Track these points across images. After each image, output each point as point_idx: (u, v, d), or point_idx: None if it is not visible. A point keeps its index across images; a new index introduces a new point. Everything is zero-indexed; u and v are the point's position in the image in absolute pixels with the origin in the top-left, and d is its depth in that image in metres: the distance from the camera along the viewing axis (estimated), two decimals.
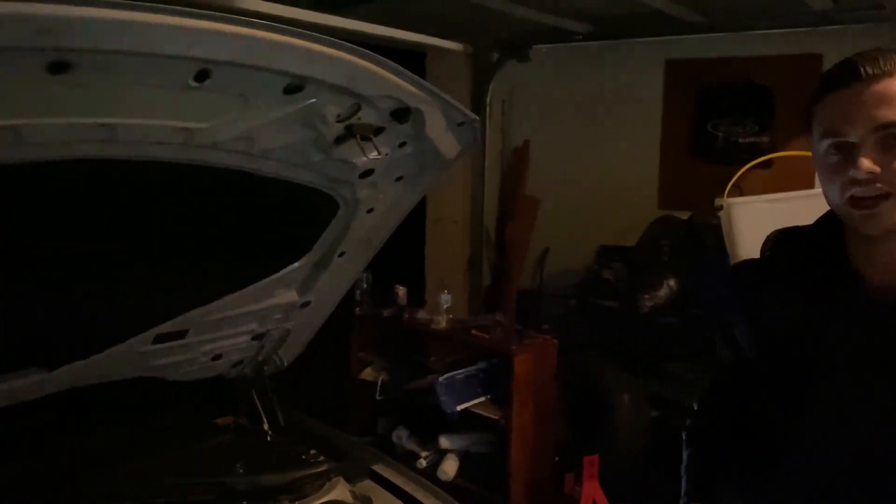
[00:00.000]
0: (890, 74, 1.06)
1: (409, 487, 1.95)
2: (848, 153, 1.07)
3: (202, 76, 1.15)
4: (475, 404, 3.50)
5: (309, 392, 2.86)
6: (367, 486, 1.98)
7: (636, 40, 4.40)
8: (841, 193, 1.10)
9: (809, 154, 1.20)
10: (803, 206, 1.31)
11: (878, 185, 1.06)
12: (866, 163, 1.05)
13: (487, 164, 4.96)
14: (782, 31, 3.82)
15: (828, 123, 1.11)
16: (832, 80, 1.11)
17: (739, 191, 3.08)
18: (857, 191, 1.07)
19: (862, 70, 1.07)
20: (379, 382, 3.80)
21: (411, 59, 4.21)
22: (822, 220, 1.25)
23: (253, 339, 2.06)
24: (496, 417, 3.43)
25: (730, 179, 3.05)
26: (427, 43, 4.41)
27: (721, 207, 2.83)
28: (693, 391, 1.60)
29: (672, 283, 3.71)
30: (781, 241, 1.34)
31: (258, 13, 3.06)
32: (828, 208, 1.20)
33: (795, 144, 3.65)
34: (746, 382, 1.32)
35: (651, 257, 3.64)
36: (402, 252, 2.69)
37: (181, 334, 1.88)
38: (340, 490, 1.87)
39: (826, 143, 1.11)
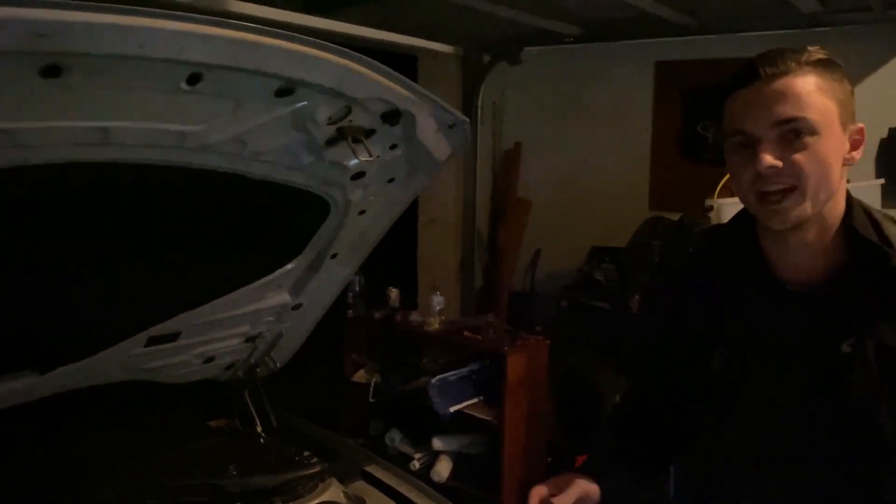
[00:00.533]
0: (788, 73, 1.11)
1: (403, 488, 1.96)
2: (752, 148, 1.12)
3: (194, 79, 1.15)
4: (468, 405, 3.51)
5: (301, 394, 2.86)
6: (361, 487, 1.99)
7: (626, 42, 4.42)
8: (748, 189, 1.14)
9: None
10: None
11: (782, 179, 1.11)
12: (768, 158, 1.09)
13: (479, 167, 4.97)
14: (771, 33, 3.84)
15: (732, 121, 1.16)
16: (735, 79, 1.16)
17: (730, 191, 3.09)
18: (762, 186, 1.12)
19: (761, 70, 1.12)
20: (372, 384, 3.81)
21: (402, 62, 4.21)
22: (737, 217, 1.30)
23: (245, 341, 2.07)
24: (489, 418, 3.45)
25: (720, 180, 3.07)
26: (417, 46, 4.43)
27: (711, 208, 2.84)
28: None
29: None
30: (704, 239, 1.40)
31: (247, 16, 3.06)
32: None
33: None
34: (667, 374, 1.38)
35: (641, 258, 3.66)
36: (394, 254, 2.70)
37: (173, 337, 1.88)
38: (334, 491, 1.88)
39: (732, 140, 1.16)
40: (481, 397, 3.56)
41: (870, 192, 3.20)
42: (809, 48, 1.15)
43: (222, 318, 1.90)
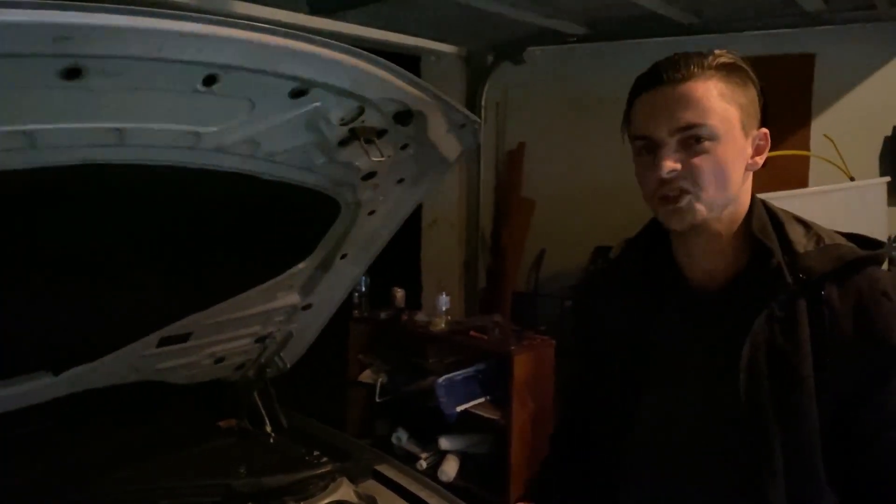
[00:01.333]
0: (689, 78, 1.11)
1: (413, 487, 1.96)
2: (654, 153, 1.12)
3: (210, 81, 1.16)
4: (474, 405, 3.52)
5: (307, 395, 2.87)
6: (371, 486, 1.99)
7: (630, 42, 4.42)
8: (652, 193, 1.15)
9: (803, 153, 1.24)
10: (797, 206, 1.34)
11: (680, 183, 1.11)
12: (669, 163, 1.10)
13: (483, 167, 4.98)
14: (775, 31, 3.85)
15: (637, 125, 1.16)
16: (639, 84, 1.16)
17: None
18: (664, 190, 1.12)
19: (664, 74, 1.12)
20: (378, 384, 3.81)
21: (406, 63, 4.20)
22: (650, 224, 1.30)
23: (255, 341, 2.07)
24: (495, 418, 3.45)
25: None
26: (421, 46, 4.44)
27: None
28: None
29: None
30: (621, 248, 1.39)
31: (253, 18, 3.07)
32: (818, 206, 1.23)
33: (789, 144, 3.68)
34: (592, 388, 1.38)
35: None
36: (399, 255, 2.71)
37: (185, 337, 1.89)
38: (345, 490, 1.88)
39: (636, 144, 1.17)
40: (488, 397, 3.57)
41: (875, 189, 3.20)
42: (715, 52, 1.14)
43: (233, 319, 1.91)
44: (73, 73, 1.03)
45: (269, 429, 2.14)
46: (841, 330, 1.11)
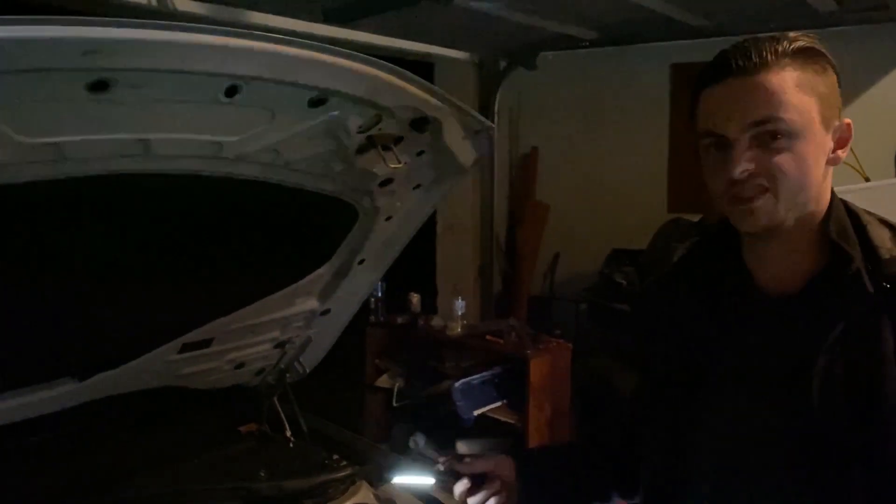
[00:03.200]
0: (763, 67, 1.01)
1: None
2: (725, 151, 1.04)
3: (232, 91, 1.19)
4: (491, 409, 3.53)
5: (324, 400, 2.89)
6: (390, 489, 2.01)
7: (642, 45, 4.44)
8: (723, 192, 1.06)
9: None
10: None
11: (757, 181, 1.03)
12: (743, 164, 1.02)
13: (496, 172, 5.00)
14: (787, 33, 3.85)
15: (705, 121, 1.07)
16: (706, 75, 1.07)
17: None
18: (736, 191, 1.04)
19: (733, 64, 1.02)
20: (395, 389, 3.83)
21: (419, 70, 4.23)
22: (719, 225, 1.22)
23: (275, 347, 2.10)
24: (512, 421, 3.46)
25: None
26: (434, 53, 4.47)
27: None
28: None
29: None
30: (687, 251, 1.31)
31: (269, 28, 3.11)
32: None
33: None
34: (649, 396, 1.29)
35: (662, 259, 3.66)
36: (414, 260, 2.74)
37: (206, 343, 1.91)
38: (364, 493, 1.90)
39: (705, 141, 1.08)
40: (504, 401, 3.58)
41: (892, 190, 3.19)
42: (789, 35, 1.04)
43: (253, 325, 1.94)
44: (100, 86, 1.06)
45: (288, 433, 2.16)
46: None
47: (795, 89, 1.01)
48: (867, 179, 3.37)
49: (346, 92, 1.32)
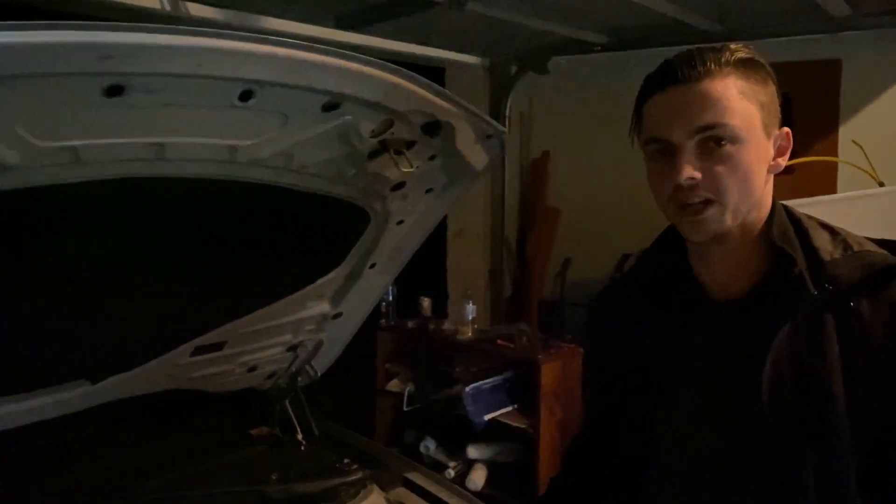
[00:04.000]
0: (707, 75, 1.03)
1: (444, 495, 1.98)
2: (671, 158, 1.05)
3: (246, 96, 1.20)
4: (502, 414, 3.52)
5: (335, 403, 2.90)
6: (402, 493, 2.02)
7: (654, 50, 4.42)
8: (668, 200, 1.07)
9: (831, 159, 1.19)
10: (826, 212, 1.29)
11: (701, 192, 1.04)
12: (688, 169, 1.03)
13: (507, 176, 5.00)
14: (801, 37, 3.83)
15: (650, 128, 1.09)
16: (651, 83, 1.09)
17: None
18: (681, 198, 1.05)
19: (679, 72, 1.04)
20: (406, 393, 3.83)
21: (430, 74, 4.24)
22: (664, 232, 1.24)
23: (287, 350, 2.11)
24: (523, 426, 3.45)
25: None
26: (446, 58, 4.48)
27: None
28: None
29: None
30: (633, 262, 1.32)
31: (282, 33, 3.13)
32: (847, 212, 1.19)
33: (816, 150, 3.66)
34: (607, 407, 1.31)
35: None
36: (425, 264, 2.74)
37: (219, 346, 1.93)
38: (375, 497, 1.90)
39: (650, 148, 1.10)
40: (515, 405, 3.57)
41: None
42: (731, 46, 1.06)
43: (265, 328, 1.95)
44: (115, 91, 1.07)
45: (300, 436, 2.17)
46: (874, 343, 1.03)
47: (739, 97, 1.03)
48: (881, 184, 3.35)
49: (360, 96, 1.33)
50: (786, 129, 1.11)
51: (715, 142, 1.03)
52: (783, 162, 1.11)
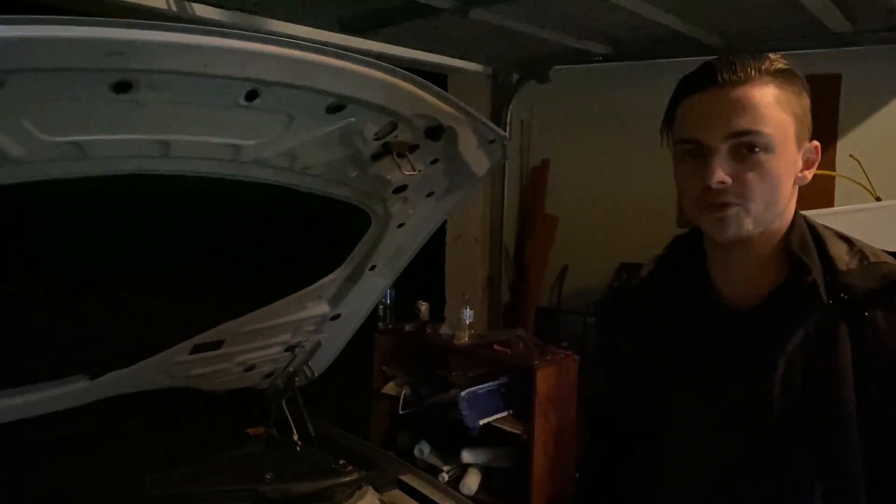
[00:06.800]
0: (746, 81, 1.04)
1: (438, 497, 1.98)
2: (703, 159, 1.06)
3: (252, 96, 1.21)
4: (497, 419, 3.52)
5: (331, 405, 2.90)
6: (396, 495, 2.02)
7: (654, 61, 4.45)
8: (694, 199, 1.09)
9: (829, 173, 1.20)
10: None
11: (729, 196, 1.05)
12: (719, 173, 1.04)
13: (507, 183, 5.02)
14: (801, 52, 3.86)
15: (684, 128, 1.09)
16: (689, 84, 1.10)
17: None
18: (709, 199, 1.07)
19: (719, 75, 1.05)
20: (402, 397, 3.83)
21: (432, 80, 4.24)
22: (680, 238, 1.26)
23: (285, 350, 2.12)
24: (518, 432, 3.45)
25: None
26: (448, 64, 4.50)
27: None
28: None
29: None
30: (651, 266, 1.32)
31: (286, 35, 3.14)
32: (844, 225, 1.20)
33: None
34: (620, 408, 1.31)
35: None
36: (423, 268, 2.75)
37: (217, 345, 1.93)
38: (370, 499, 1.91)
39: (682, 147, 1.10)
40: (510, 411, 3.57)
41: None
42: (771, 56, 1.07)
43: (264, 328, 1.96)
44: (123, 87, 1.08)
45: (296, 437, 2.17)
46: (887, 353, 1.04)
47: (775, 105, 1.05)
48: (878, 199, 3.37)
49: (364, 99, 1.34)
50: (815, 142, 1.12)
51: (748, 148, 1.04)
52: (810, 175, 1.12)
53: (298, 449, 2.14)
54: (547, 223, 5.00)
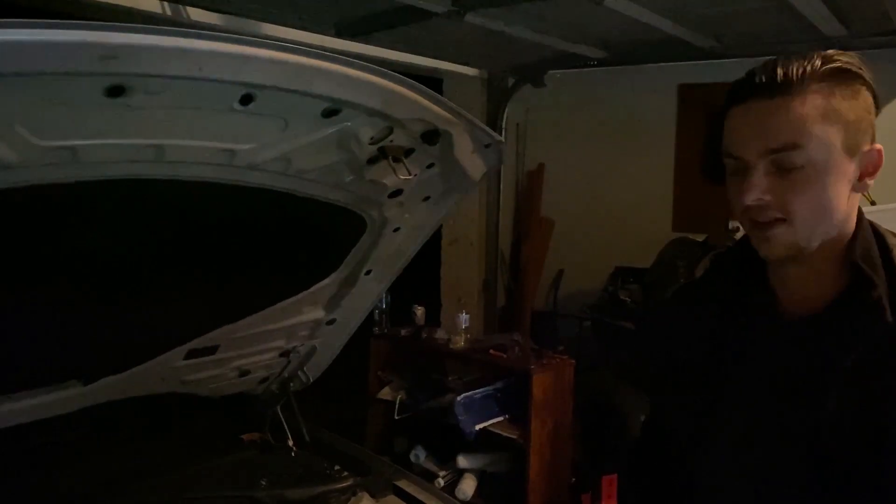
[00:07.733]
0: (787, 90, 0.98)
1: (433, 502, 1.98)
2: (743, 175, 1.01)
3: (247, 100, 1.20)
4: (493, 424, 3.51)
5: (326, 410, 2.90)
6: (391, 501, 2.01)
7: (650, 65, 4.46)
8: (741, 215, 1.05)
9: None
10: None
11: (772, 211, 1.00)
12: (755, 191, 0.99)
13: (502, 187, 5.03)
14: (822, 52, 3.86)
15: (726, 142, 1.04)
16: (732, 94, 1.04)
17: None
18: (752, 215, 1.02)
19: (758, 83, 0.99)
20: (397, 401, 3.82)
21: (428, 85, 4.23)
22: (743, 241, 1.18)
23: (280, 355, 2.11)
24: (514, 437, 3.45)
25: None
26: (444, 68, 4.50)
27: (737, 230, 2.86)
28: None
29: None
30: (712, 263, 1.28)
31: (281, 40, 3.13)
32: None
33: None
34: (670, 414, 1.28)
35: (667, 278, 3.67)
36: (419, 273, 2.74)
37: (212, 350, 1.92)
38: None
39: (726, 161, 1.05)
40: (507, 415, 3.56)
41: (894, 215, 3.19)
42: (824, 54, 0.99)
43: (259, 333, 1.95)
44: (116, 91, 1.07)
45: (291, 442, 2.17)
46: None
47: (818, 118, 0.97)
48: (873, 203, 3.37)
49: (360, 103, 1.33)
50: (878, 146, 1.04)
51: (787, 164, 0.98)
52: (871, 181, 1.05)
53: (293, 454, 2.14)
54: (542, 227, 5.01)
